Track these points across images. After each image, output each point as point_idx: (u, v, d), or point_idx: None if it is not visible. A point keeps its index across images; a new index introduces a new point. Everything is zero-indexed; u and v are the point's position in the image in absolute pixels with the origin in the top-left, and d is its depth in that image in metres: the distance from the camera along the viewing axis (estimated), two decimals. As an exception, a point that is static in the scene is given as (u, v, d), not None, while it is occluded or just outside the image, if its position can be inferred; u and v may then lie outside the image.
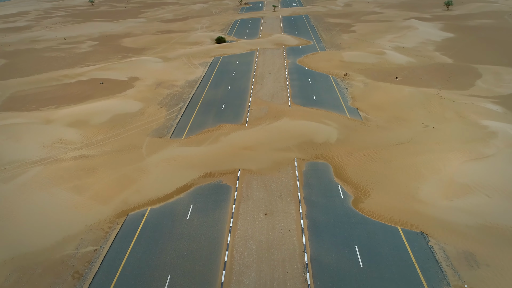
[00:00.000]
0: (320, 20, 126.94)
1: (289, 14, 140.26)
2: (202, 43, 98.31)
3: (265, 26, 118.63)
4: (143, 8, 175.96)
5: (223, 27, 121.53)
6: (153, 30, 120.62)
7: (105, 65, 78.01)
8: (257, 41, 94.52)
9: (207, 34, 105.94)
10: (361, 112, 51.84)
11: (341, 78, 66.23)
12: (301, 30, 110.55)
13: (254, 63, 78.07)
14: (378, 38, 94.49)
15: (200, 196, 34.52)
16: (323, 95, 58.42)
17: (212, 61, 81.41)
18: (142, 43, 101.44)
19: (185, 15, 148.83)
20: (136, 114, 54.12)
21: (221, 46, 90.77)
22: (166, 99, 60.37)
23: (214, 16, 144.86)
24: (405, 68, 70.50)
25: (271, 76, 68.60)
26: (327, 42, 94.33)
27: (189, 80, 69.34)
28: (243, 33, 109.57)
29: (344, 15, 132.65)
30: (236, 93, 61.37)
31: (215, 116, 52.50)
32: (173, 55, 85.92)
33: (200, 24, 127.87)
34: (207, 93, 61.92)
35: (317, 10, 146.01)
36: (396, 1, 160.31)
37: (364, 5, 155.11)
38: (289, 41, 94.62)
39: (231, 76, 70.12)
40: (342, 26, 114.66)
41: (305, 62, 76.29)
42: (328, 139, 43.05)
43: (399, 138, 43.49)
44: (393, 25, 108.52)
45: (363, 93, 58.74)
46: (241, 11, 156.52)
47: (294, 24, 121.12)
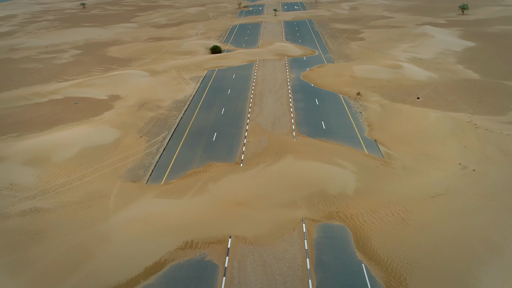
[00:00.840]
0: (325, 25, 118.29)
1: (291, 18, 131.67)
2: (196, 53, 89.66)
3: (265, 33, 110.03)
4: (136, 12, 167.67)
5: (220, 33, 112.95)
6: (144, 36, 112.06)
7: (84, 81, 69.34)
8: (256, 51, 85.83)
9: (202, 42, 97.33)
10: (381, 145, 43.05)
11: (353, 98, 57.46)
12: (305, 37, 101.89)
13: (252, 78, 69.40)
14: (390, 47, 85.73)
15: (176, 281, 25.74)
16: (334, 122, 49.63)
17: (205, 75, 72.72)
18: (129, 52, 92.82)
19: (179, 20, 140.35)
20: (110, 147, 45.39)
21: (216, 57, 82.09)
22: (148, 125, 51.65)
23: (211, 21, 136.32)
24: (426, 86, 61.71)
25: (272, 96, 59.88)
26: (334, 52, 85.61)
27: (177, 100, 60.63)
28: (241, 41, 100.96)
29: (351, 20, 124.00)
30: (230, 118, 52.63)
31: (204, 150, 43.75)
32: (162, 67, 77.25)
33: (195, 30, 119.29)
34: (196, 118, 53.17)
35: (321, 14, 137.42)
36: (405, 4, 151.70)
37: (371, 8, 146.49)
38: (292, 50, 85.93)
39: (226, 95, 61.42)
40: (349, 32, 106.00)
41: (310, 77, 67.58)
42: (344, 188, 34.24)
43: (433, 186, 34.68)
44: (406, 32, 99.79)
45: (381, 118, 49.94)
46: (240, 15, 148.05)
47: (297, 30, 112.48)
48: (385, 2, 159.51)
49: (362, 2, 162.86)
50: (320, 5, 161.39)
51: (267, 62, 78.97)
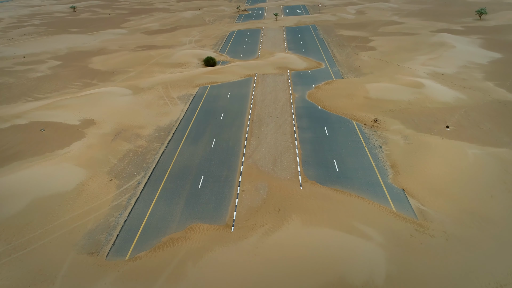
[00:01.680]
0: (330, 32, 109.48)
1: (293, 24, 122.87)
2: (187, 65, 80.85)
3: (265, 41, 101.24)
4: (129, 16, 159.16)
5: (216, 40, 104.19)
6: (132, 44, 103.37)
7: (56, 101, 60.55)
8: (255, 64, 76.96)
9: (195, 52, 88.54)
10: (411, 198, 34.13)
11: (369, 127, 48.56)
12: (309, 46, 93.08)
13: (250, 97, 60.56)
14: (406, 59, 76.85)
15: None
16: (349, 160, 40.73)
17: (196, 93, 63.90)
18: (114, 64, 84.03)
19: (173, 25, 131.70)
20: (70, 196, 36.54)
21: (210, 71, 73.20)
22: (122, 163, 42.81)
23: (207, 26, 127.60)
24: (455, 110, 52.78)
25: (273, 122, 50.98)
26: (342, 65, 76.75)
27: (161, 127, 51.76)
28: (239, 50, 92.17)
29: (358, 26, 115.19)
30: (222, 153, 43.75)
31: (186, 203, 34.85)
32: (147, 83, 68.45)
33: (189, 37, 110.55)
34: (181, 153, 44.29)
35: (325, 19, 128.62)
36: (415, 8, 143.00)
37: (379, 12, 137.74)
38: (295, 63, 77.07)
39: (218, 121, 52.56)
40: (358, 40, 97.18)
41: (317, 98, 58.70)
42: (371, 276, 25.29)
43: (492, 269, 25.76)
44: (421, 40, 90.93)
45: (406, 156, 41.03)
46: (238, 19, 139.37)
47: (300, 37, 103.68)
48: (394, 6, 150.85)
49: (369, 5, 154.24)
50: (324, 9, 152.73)
51: (267, 77, 70.10)
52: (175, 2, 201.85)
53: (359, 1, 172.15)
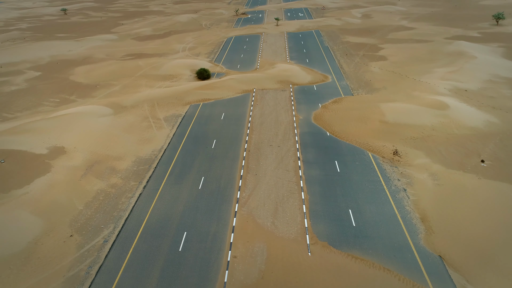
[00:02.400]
0: (335, 38, 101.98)
1: (296, 29, 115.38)
2: (178, 77, 73.34)
3: (265, 48, 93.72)
4: (121, 19, 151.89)
5: (212, 48, 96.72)
6: (121, 52, 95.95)
7: (25, 123, 53.03)
8: (253, 77, 69.40)
9: (188, 62, 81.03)
10: (452, 270, 26.54)
11: (389, 160, 41.00)
12: (313, 55, 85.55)
13: (247, 119, 53.00)
14: (422, 71, 69.29)
15: None
16: (368, 210, 33.15)
17: (186, 113, 56.36)
18: (97, 76, 76.57)
19: (167, 30, 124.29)
20: (16, 262, 28.99)
21: (203, 85, 65.61)
22: (89, 209, 35.29)
23: (203, 31, 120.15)
24: (487, 137, 45.18)
25: (273, 154, 43.42)
26: (351, 78, 69.21)
27: (141, 158, 44.22)
28: (236, 59, 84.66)
29: (366, 32, 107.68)
30: (211, 198, 36.18)
31: (161, 276, 27.24)
32: (131, 100, 60.97)
33: (183, 43, 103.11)
34: (161, 197, 36.72)
35: (330, 23, 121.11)
36: (425, 12, 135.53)
37: (387, 16, 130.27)
38: (299, 76, 69.49)
39: (209, 152, 45.00)
40: (366, 48, 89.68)
41: (325, 121, 51.11)
42: None
43: None
44: (437, 49, 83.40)
45: (438, 204, 33.45)
46: (236, 23, 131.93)
47: (303, 45, 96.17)
48: (401, 9, 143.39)
49: (375, 8, 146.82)
50: (328, 12, 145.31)
51: (267, 93, 62.53)
52: (172, 4, 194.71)
53: (364, 3, 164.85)
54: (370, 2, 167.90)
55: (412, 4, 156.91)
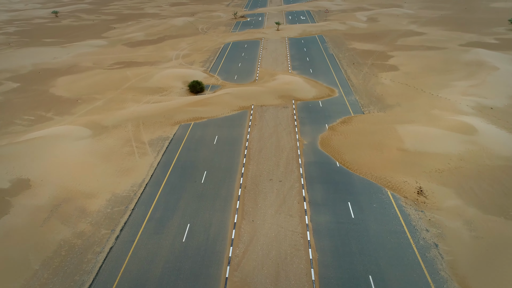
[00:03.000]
0: (340, 44, 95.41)
1: (297, 34, 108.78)
2: (169, 90, 66.78)
3: (265, 56, 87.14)
4: (114, 22, 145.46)
5: (207, 55, 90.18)
6: (109, 60, 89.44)
7: (-12, 147, 46.50)
8: (252, 91, 62.80)
9: (180, 72, 74.48)
10: None
11: (412, 202, 34.36)
12: (317, 64, 78.99)
13: (243, 144, 46.40)
14: (440, 85, 62.74)
15: None
16: (392, 277, 26.50)
17: (174, 135, 49.77)
18: (80, 88, 70.04)
19: (161, 34, 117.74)
20: None
21: (195, 101, 59.00)
22: (46, 270, 28.70)
23: (199, 36, 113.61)
24: (527, 170, 38.55)
25: (274, 192, 36.77)
26: (360, 91, 62.64)
27: (118, 196, 37.60)
28: (233, 69, 78.10)
29: (373, 37, 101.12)
30: (196, 255, 29.53)
31: None
32: (114, 118, 54.43)
33: (177, 50, 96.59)
34: (136, 253, 30.07)
35: (334, 28, 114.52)
36: (434, 15, 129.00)
37: (394, 20, 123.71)
38: (302, 90, 62.87)
39: (198, 188, 38.34)
40: (374, 56, 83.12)
41: (333, 147, 44.48)
42: None
43: None
44: (452, 58, 76.86)
45: (479, 266, 26.85)
46: (235, 28, 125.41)
47: (306, 52, 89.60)
48: (409, 12, 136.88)
49: (381, 11, 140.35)
50: (331, 15, 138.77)
51: (266, 111, 55.92)
52: (168, 6, 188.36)
53: (369, 6, 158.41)
54: (375, 4, 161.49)
55: (419, 6, 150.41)
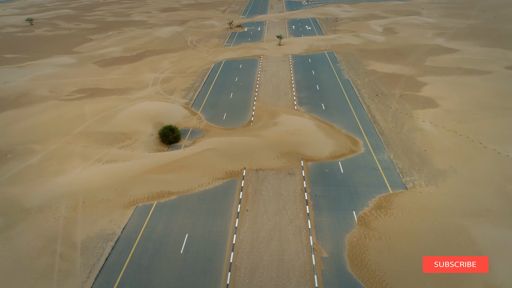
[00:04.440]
0: (357, 65, 78.97)
1: (303, 51, 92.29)
2: (133, 138, 50.27)
3: (264, 82, 70.69)
4: (93, 32, 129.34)
5: (192, 80, 73.81)
6: (71, 86, 73.10)
7: None
8: (244, 144, 46.14)
9: (153, 108, 58.15)
10: None
11: None
12: (330, 95, 62.51)
13: (227, 254, 29.79)
14: (505, 135, 46.13)
15: None
16: None
17: (124, 229, 33.23)
18: (17, 132, 53.53)
19: (142, 49, 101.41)
20: None
21: (163, 165, 42.22)
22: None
23: (187, 52, 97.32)
24: None
25: None
26: (394, 143, 46.06)
27: None
28: (222, 103, 61.69)
29: (394, 54, 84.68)
30: None
31: None
32: (43, 193, 37.96)
33: (157, 71, 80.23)
34: None
35: (346, 42, 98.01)
36: (461, 24, 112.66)
37: (415, 31, 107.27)
38: (314, 142, 46.12)
39: None
40: (401, 83, 66.72)
41: (372, 267, 27.80)
42: None
43: None
44: (506, 88, 60.39)
45: None
46: (229, 40, 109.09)
47: (315, 75, 73.18)
48: (430, 21, 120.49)
49: (397, 20, 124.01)
50: (341, 24, 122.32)
51: (264, 180, 39.30)
52: (158, 12, 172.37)
53: (382, 13, 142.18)
54: (388, 11, 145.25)
55: (440, 14, 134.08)
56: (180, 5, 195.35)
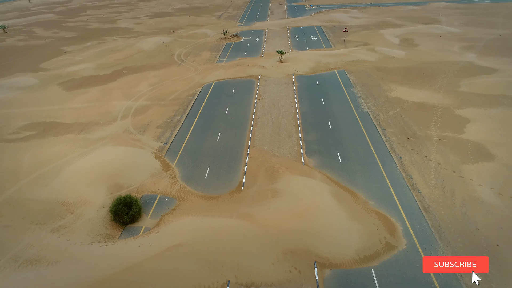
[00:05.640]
0: (376, 90, 64.96)
1: (309, 69, 78.13)
2: (75, 213, 36.12)
3: (262, 116, 56.62)
4: (70, 43, 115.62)
5: (172, 111, 59.93)
6: (21, 119, 59.14)
7: None
8: (229, 235, 32.04)
9: (114, 159, 44.18)
10: None
11: None
12: (348, 139, 48.36)
13: None
14: None
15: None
16: None
17: None
18: None
19: (119, 65, 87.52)
20: None
21: (99, 285, 28.17)
22: None
23: (171, 69, 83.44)
24: None
25: None
26: (444, 225, 31.94)
27: None
28: (206, 150, 47.59)
29: (418, 75, 70.68)
30: None
31: None
32: None
33: (130, 98, 66.31)
34: None
35: (359, 58, 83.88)
36: (491, 36, 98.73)
37: (438, 43, 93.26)
38: (332, 229, 31.86)
39: None
40: (436, 119, 52.77)
41: None
42: None
43: None
44: None
45: None
46: (223, 53, 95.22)
47: (325, 105, 59.20)
48: (453, 30, 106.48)
49: (415, 29, 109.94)
50: (351, 34, 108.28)
51: (257, 310, 25.27)
52: (147, 18, 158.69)
53: (395, 19, 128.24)
54: (402, 18, 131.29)
55: (462, 21, 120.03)
56: (172, 10, 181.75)
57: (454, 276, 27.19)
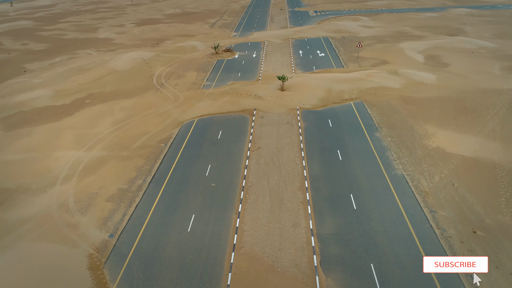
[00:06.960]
0: (408, 136, 49.16)
1: (318, 102, 62.14)
2: None
3: (256, 180, 40.74)
4: (37, 58, 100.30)
5: (135, 170, 44.22)
6: None
7: None
8: None
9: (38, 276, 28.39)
10: None
11: None
12: (380, 227, 32.50)
13: None
14: None
15: None
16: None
17: None
18: None
19: (83, 92, 71.83)
20: None
21: None
22: None
23: (146, 97, 67.78)
24: None
25: None
26: None
27: None
28: (171, 244, 31.87)
29: (460, 111, 55.02)
30: None
31: None
32: None
33: (84, 146, 50.61)
34: None
35: (380, 84, 68.06)
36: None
37: (472, 63, 77.69)
38: None
39: None
40: (503, 188, 36.89)
41: None
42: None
43: None
44: None
45: None
46: (212, 74, 79.66)
47: (342, 162, 43.26)
48: (487, 45, 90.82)
49: (439, 43, 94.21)
50: (365, 50, 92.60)
51: None
52: (132, 26, 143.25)
53: (412, 29, 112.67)
54: (421, 27, 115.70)
55: (492, 32, 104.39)
56: (162, 16, 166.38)
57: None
